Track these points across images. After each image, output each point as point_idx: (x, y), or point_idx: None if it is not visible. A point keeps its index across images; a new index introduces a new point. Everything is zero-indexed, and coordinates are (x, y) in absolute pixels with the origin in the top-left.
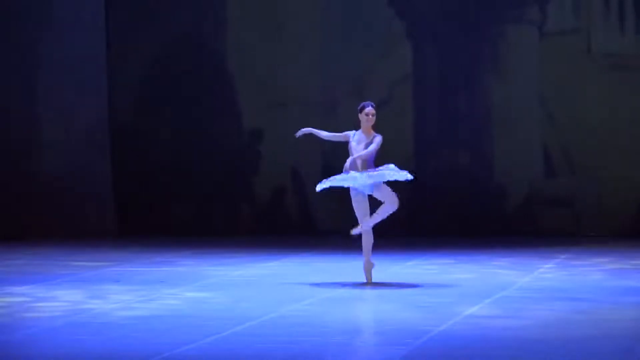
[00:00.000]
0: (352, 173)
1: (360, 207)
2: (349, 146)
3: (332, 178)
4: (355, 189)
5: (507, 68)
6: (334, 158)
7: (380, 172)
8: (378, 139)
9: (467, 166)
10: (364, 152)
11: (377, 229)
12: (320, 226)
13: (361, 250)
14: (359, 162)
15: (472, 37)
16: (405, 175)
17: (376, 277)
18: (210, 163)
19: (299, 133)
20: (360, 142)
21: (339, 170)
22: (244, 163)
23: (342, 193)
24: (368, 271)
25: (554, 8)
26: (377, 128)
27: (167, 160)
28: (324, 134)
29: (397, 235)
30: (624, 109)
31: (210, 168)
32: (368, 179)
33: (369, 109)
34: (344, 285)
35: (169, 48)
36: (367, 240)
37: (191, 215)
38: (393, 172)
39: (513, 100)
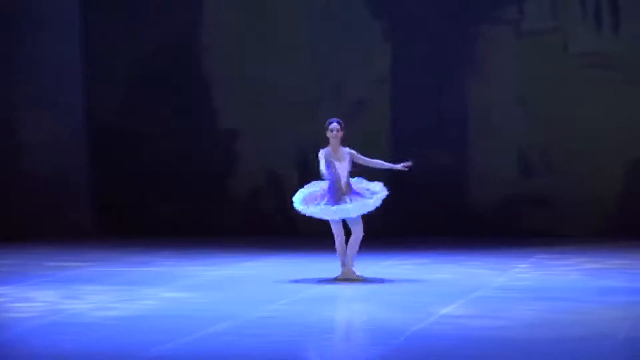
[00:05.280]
0: (336, 207)
1: (338, 226)
2: (333, 168)
3: (316, 206)
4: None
5: (485, 68)
6: (311, 158)
7: (364, 203)
8: (355, 152)
9: (446, 166)
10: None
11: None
12: (300, 226)
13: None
14: (342, 182)
15: (450, 37)
16: (382, 197)
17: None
18: (189, 164)
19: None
20: (342, 160)
21: (315, 171)
22: (222, 163)
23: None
24: (350, 275)
25: (532, 8)
26: (356, 129)
27: (147, 161)
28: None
29: (374, 236)
30: (601, 107)
31: (189, 169)
32: (355, 212)
33: (332, 125)
34: (323, 285)
35: (148, 49)
36: (345, 246)
37: (170, 216)
38: (376, 199)
39: (491, 100)
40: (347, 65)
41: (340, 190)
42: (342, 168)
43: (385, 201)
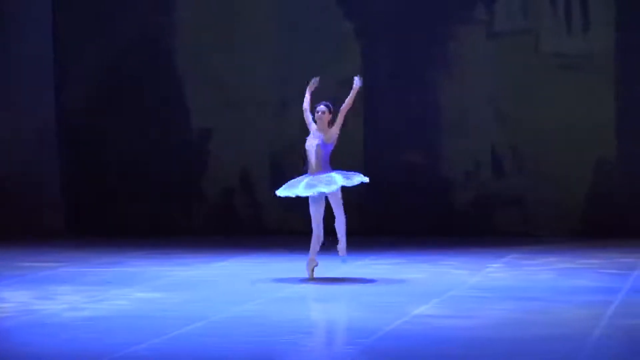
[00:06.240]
0: (312, 180)
1: (318, 211)
2: (307, 144)
3: (293, 185)
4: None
5: (457, 68)
6: (283, 158)
7: (336, 177)
8: (336, 128)
9: (418, 166)
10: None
11: (331, 228)
12: (273, 226)
13: (308, 248)
14: (312, 160)
15: (421, 37)
16: (361, 178)
17: (328, 275)
18: (161, 163)
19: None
20: (316, 138)
21: (287, 171)
22: (194, 163)
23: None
24: (311, 268)
25: (503, 8)
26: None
27: (118, 161)
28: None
29: (347, 235)
30: (572, 108)
31: (161, 168)
32: (328, 185)
33: (319, 107)
34: (296, 284)
35: (119, 47)
36: (317, 240)
37: (143, 216)
38: (350, 180)
39: (463, 100)
40: (319, 64)
41: (311, 168)
42: (311, 146)
43: (358, 200)
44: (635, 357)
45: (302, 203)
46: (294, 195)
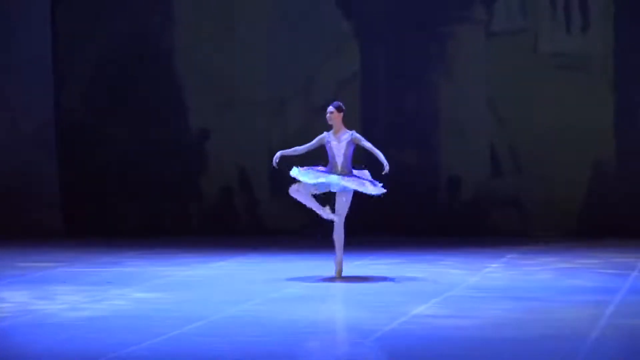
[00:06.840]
0: (330, 177)
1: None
2: (329, 146)
3: (311, 173)
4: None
5: (455, 68)
6: (282, 158)
7: (360, 181)
8: (358, 135)
9: (415, 166)
10: (380, 155)
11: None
12: (268, 225)
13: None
14: (339, 162)
15: (419, 36)
16: (379, 190)
17: (327, 275)
18: (158, 163)
19: (276, 160)
20: (340, 141)
21: (286, 170)
22: (192, 163)
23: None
24: (339, 264)
25: (501, 8)
26: (324, 127)
27: (117, 161)
28: (299, 149)
29: (345, 235)
30: (571, 108)
31: (158, 168)
32: (346, 182)
33: (328, 109)
34: (294, 285)
35: (116, 47)
36: (340, 237)
37: (140, 216)
38: (371, 187)
39: (461, 100)
40: (317, 64)
41: (335, 168)
42: (338, 148)
43: (356, 201)
44: (635, 357)
45: (301, 203)
46: (321, 185)
